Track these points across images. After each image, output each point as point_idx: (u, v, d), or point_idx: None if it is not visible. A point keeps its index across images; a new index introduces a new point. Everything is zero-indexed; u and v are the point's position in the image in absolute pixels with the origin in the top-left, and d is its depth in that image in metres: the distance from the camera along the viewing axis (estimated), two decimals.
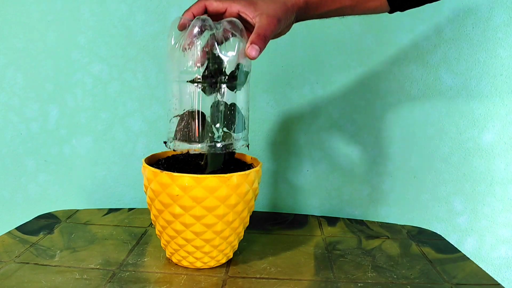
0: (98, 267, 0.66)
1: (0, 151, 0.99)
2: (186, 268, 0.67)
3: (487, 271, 0.70)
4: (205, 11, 0.62)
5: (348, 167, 0.97)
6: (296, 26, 0.93)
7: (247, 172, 0.63)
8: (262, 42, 0.59)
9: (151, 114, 0.96)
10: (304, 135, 0.96)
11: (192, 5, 0.62)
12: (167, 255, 0.70)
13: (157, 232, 0.68)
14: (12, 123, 0.98)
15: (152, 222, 0.68)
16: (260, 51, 0.59)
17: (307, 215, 0.95)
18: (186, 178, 0.60)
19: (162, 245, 0.69)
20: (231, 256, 0.70)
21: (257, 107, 0.95)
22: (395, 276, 0.67)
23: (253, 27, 0.60)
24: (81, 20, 0.93)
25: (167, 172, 0.61)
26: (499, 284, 0.66)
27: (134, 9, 0.93)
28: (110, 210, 0.91)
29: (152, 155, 0.71)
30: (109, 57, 0.95)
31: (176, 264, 0.68)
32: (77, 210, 0.90)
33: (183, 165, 0.68)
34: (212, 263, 0.67)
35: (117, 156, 0.98)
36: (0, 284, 0.59)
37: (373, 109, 0.95)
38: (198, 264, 0.66)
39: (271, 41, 0.60)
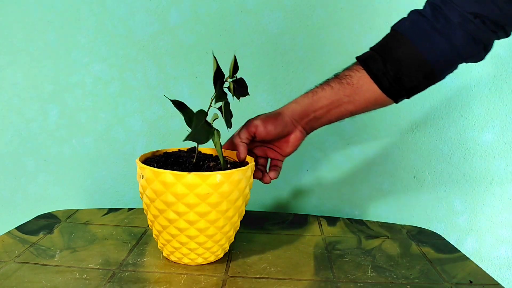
0: (98, 267, 0.66)
1: (0, 151, 0.99)
2: (186, 267, 0.67)
3: (487, 271, 0.70)
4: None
5: (348, 167, 0.97)
6: (295, 26, 0.93)
7: (245, 168, 0.63)
8: None
9: (151, 114, 0.96)
10: None
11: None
12: (164, 255, 0.70)
13: (154, 235, 0.68)
14: (12, 123, 0.98)
15: (149, 225, 0.68)
16: None
17: (307, 215, 0.95)
18: (191, 176, 0.60)
19: (159, 247, 0.69)
20: (227, 249, 0.70)
21: (257, 107, 0.95)
22: (395, 276, 0.67)
23: None
24: (81, 20, 0.93)
25: (171, 171, 0.61)
26: (499, 284, 0.66)
27: (134, 9, 0.93)
28: (110, 210, 0.91)
29: (144, 155, 0.69)
30: (109, 57, 0.95)
31: (176, 264, 0.68)
32: (77, 210, 0.90)
33: (174, 162, 0.67)
34: (212, 258, 0.67)
35: (117, 156, 0.98)
36: (0, 284, 0.59)
37: None
38: (199, 260, 0.66)
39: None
